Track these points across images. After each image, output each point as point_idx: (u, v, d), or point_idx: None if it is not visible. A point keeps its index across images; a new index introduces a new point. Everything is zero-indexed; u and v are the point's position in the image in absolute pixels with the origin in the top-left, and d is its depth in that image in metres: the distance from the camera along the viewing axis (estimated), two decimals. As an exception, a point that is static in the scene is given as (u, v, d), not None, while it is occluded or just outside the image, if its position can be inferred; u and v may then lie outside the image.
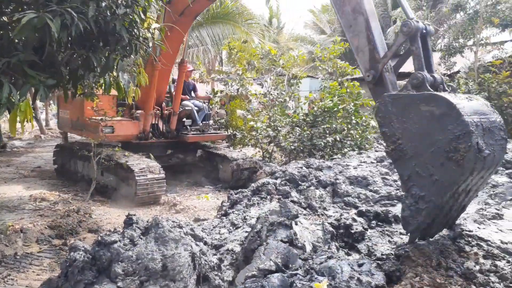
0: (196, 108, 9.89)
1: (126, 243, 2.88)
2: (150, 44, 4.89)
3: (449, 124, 2.82)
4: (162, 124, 9.37)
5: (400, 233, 3.94)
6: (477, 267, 3.01)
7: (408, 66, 4.00)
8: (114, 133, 8.21)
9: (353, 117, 9.94)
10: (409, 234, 3.31)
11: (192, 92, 10.46)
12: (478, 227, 3.78)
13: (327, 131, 9.42)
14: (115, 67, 4.36)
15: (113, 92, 5.12)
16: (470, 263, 3.08)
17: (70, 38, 3.88)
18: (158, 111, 9.16)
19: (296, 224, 3.48)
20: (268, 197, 5.11)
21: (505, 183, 5.09)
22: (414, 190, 3.06)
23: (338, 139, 9.20)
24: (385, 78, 3.82)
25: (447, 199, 3.05)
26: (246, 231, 3.94)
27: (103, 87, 4.73)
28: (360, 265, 2.99)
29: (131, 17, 4.16)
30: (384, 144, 3.35)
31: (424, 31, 3.51)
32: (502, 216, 4.15)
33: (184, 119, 9.76)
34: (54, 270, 4.49)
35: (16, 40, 3.77)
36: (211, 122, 10.33)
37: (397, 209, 4.70)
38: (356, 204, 5.00)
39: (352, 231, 3.74)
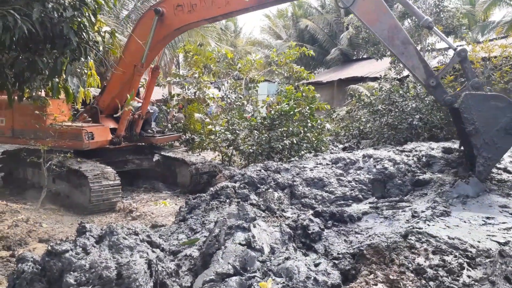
0: (152, 111, 9.82)
1: (78, 252, 2.78)
2: (101, 48, 4.75)
3: (508, 113, 5.10)
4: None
5: (355, 232, 4.07)
6: (427, 263, 3.16)
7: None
8: (94, 140, 7.92)
9: (308, 120, 10.14)
10: (482, 180, 5.10)
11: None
12: (428, 224, 3.96)
13: (284, 134, 9.54)
14: (64, 70, 4.20)
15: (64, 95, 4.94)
16: (421, 259, 3.22)
17: (14, 40, 3.70)
18: (134, 115, 9.01)
19: (254, 226, 3.50)
20: (227, 200, 5.10)
21: (451, 182, 5.37)
22: (484, 154, 5.11)
23: (295, 141, 9.34)
24: (442, 83, 5.96)
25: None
26: (205, 236, 3.91)
27: (50, 91, 4.54)
28: (316, 265, 3.05)
29: (79, 19, 4.03)
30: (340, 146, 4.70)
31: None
32: (449, 213, 4.37)
33: (153, 122, 9.78)
34: (1, 283, 4.24)
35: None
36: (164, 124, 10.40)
37: (352, 209, 4.84)
38: (313, 205, 5.10)
39: (309, 232, 3.80)
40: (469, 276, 2.97)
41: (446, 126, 9.91)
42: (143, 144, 9.53)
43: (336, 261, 3.30)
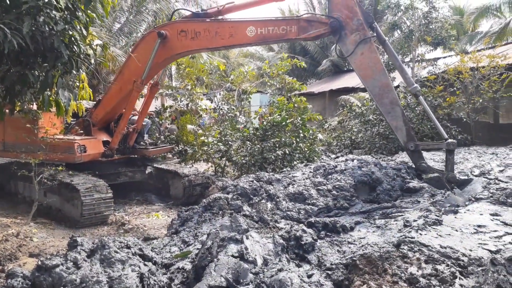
0: (145, 123, 9.83)
1: (69, 267, 2.75)
2: (92, 61, 4.76)
3: None
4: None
5: (348, 242, 4.07)
6: (420, 272, 3.16)
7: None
8: (86, 152, 7.88)
9: (301, 131, 10.19)
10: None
11: None
12: (420, 233, 3.97)
13: (277, 145, 9.57)
14: (55, 84, 4.20)
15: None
16: (413, 268, 3.22)
17: (4, 54, 3.70)
18: (129, 129, 9.01)
19: (247, 238, 3.49)
20: (220, 212, 5.08)
21: (442, 192, 5.41)
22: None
23: (287, 152, 9.36)
24: (420, 145, 6.40)
25: None
26: (198, 248, 3.89)
27: (41, 104, 4.53)
28: (309, 276, 3.04)
29: (70, 33, 4.04)
30: (332, 156, 5.14)
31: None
32: (441, 222, 4.39)
33: (145, 135, 9.81)
34: (-11, 300, 4.17)
35: None
36: (157, 136, 10.43)
37: (343, 219, 4.84)
38: (300, 219, 5.07)
39: (302, 242, 3.80)
40: (461, 285, 2.98)
41: (437, 136, 10.01)
42: (136, 156, 9.51)
43: (329, 272, 3.30)
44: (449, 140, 6.10)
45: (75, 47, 4.17)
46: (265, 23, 6.93)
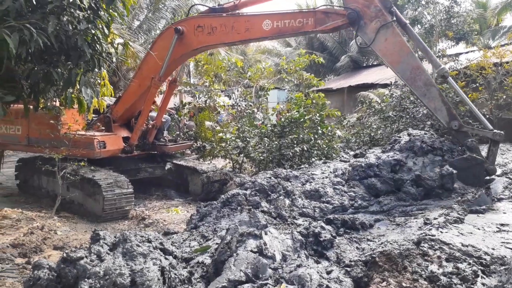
0: (164, 120, 9.95)
1: (93, 259, 2.82)
2: (114, 59, 4.85)
3: None
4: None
5: (368, 240, 4.05)
6: (440, 270, 3.13)
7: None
8: (106, 148, 8.04)
9: (319, 127, 10.14)
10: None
11: None
12: (441, 231, 3.93)
13: (295, 141, 9.55)
14: (78, 81, 4.29)
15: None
16: (434, 266, 3.19)
17: (30, 53, 3.80)
18: (148, 125, 9.12)
19: (265, 234, 3.51)
20: (239, 208, 5.11)
21: (474, 191, 5.27)
22: None
23: (305, 148, 9.34)
24: (465, 127, 6.01)
25: None
26: (217, 243, 3.93)
27: (64, 101, 4.64)
28: (328, 273, 3.05)
29: (93, 32, 4.13)
30: (350, 153, 4.82)
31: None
32: (463, 220, 4.33)
33: (165, 131, 9.91)
34: (16, 290, 4.31)
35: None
36: (177, 133, 10.52)
37: (362, 216, 4.81)
38: (316, 217, 5.06)
39: (321, 239, 3.80)
40: (483, 284, 2.94)
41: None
42: (156, 152, 9.63)
43: (348, 269, 3.29)
44: (496, 130, 5.76)
45: (97, 45, 4.26)
46: (281, 16, 6.86)
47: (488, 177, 5.65)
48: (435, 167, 5.57)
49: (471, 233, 3.95)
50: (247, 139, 10.21)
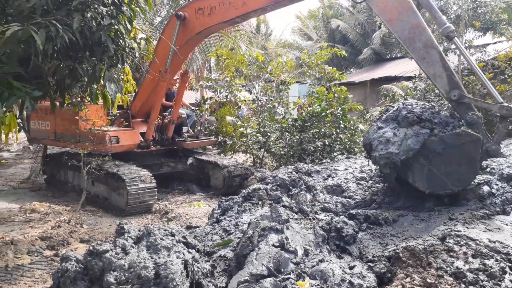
0: (185, 115, 9.98)
1: (118, 252, 2.88)
2: (137, 54, 4.91)
3: None
4: (155, 133, 9.32)
5: (391, 235, 3.99)
6: (467, 266, 3.06)
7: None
8: (119, 144, 8.19)
9: (341, 122, 10.03)
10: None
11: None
12: (467, 227, 3.84)
13: (316, 136, 9.48)
14: (102, 77, 4.37)
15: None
16: (460, 262, 3.12)
17: (56, 49, 3.88)
18: (163, 120, 9.19)
19: (287, 228, 3.51)
20: (260, 202, 5.12)
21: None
22: None
23: (327, 143, 9.27)
24: (467, 97, 4.90)
25: None
26: (239, 237, 3.95)
27: (89, 97, 4.73)
28: (351, 268, 3.02)
29: (116, 27, 4.18)
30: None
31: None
32: (490, 216, 4.21)
33: (183, 127, 9.89)
34: (46, 281, 4.45)
35: (1, 53, 3.77)
36: (198, 128, 10.50)
37: (385, 211, 4.74)
38: (338, 212, 5.00)
39: (343, 234, 3.77)
40: (511, 281, 2.86)
41: (485, 126, 9.53)
42: (176, 148, 9.69)
43: (371, 264, 3.26)
44: (505, 103, 4.78)
45: (120, 40, 4.32)
46: None
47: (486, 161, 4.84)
48: (419, 140, 4.77)
49: (499, 229, 3.85)
50: (268, 133, 10.19)
